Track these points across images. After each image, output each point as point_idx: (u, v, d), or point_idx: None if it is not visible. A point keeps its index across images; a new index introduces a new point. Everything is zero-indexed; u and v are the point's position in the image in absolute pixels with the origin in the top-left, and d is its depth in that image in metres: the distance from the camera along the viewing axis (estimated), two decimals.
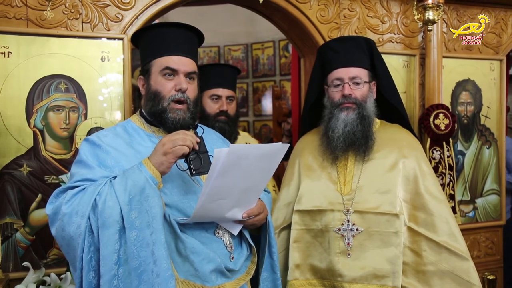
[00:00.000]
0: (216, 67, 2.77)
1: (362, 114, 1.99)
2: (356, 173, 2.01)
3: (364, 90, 2.02)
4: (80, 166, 1.55)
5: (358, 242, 1.92)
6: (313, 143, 2.15)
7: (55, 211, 1.47)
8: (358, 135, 1.98)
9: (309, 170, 2.10)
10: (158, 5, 2.54)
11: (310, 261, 2.01)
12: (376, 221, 1.92)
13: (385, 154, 2.02)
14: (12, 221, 2.31)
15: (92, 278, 1.41)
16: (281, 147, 1.53)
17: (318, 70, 2.19)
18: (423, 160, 2.05)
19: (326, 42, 2.28)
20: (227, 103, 2.51)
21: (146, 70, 1.69)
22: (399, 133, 2.12)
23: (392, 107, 2.15)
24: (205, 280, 1.53)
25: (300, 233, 2.02)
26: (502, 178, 3.33)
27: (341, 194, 1.99)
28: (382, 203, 1.93)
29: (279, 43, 6.61)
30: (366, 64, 2.05)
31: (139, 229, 1.40)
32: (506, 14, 3.28)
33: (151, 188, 1.43)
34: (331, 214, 1.97)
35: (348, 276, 1.90)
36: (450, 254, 1.89)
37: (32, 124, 2.33)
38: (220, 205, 1.53)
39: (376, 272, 1.88)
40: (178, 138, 1.46)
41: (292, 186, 2.13)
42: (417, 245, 1.91)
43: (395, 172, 1.97)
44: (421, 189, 1.96)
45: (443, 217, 1.93)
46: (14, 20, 2.30)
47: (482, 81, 3.25)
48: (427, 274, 1.89)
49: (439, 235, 1.91)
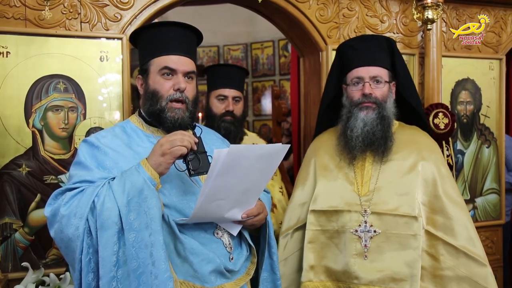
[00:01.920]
0: (223, 68, 2.79)
1: (382, 114, 1.95)
2: (374, 174, 1.96)
3: (385, 90, 1.98)
4: (79, 168, 1.54)
5: (376, 244, 1.88)
6: (330, 143, 2.11)
7: (53, 213, 1.47)
8: (377, 135, 1.94)
9: (325, 170, 2.06)
10: (156, 4, 2.54)
11: (325, 263, 1.97)
12: (394, 223, 1.88)
13: (404, 155, 1.97)
14: (11, 221, 2.30)
15: (91, 280, 1.41)
16: (281, 148, 1.52)
17: (337, 69, 2.14)
18: (442, 163, 2.01)
19: (347, 41, 2.23)
20: (233, 104, 2.52)
21: (144, 69, 1.68)
22: (418, 135, 2.08)
23: (410, 108, 2.11)
24: (204, 281, 1.53)
25: (315, 234, 1.98)
26: (502, 177, 3.32)
27: (358, 195, 1.95)
28: (401, 205, 1.88)
29: (279, 42, 6.61)
30: (387, 64, 2.01)
31: (138, 230, 1.39)
32: (506, 13, 3.28)
33: (149, 189, 1.42)
34: (348, 215, 1.93)
35: (365, 278, 1.86)
36: (468, 259, 1.85)
37: (31, 124, 2.33)
38: (219, 206, 1.52)
39: (393, 275, 1.84)
40: (176, 139, 1.45)
41: (307, 186, 2.10)
42: (435, 249, 1.88)
43: (414, 175, 1.93)
44: (440, 192, 1.92)
45: (461, 221, 1.89)
46: (13, 20, 2.29)
47: (482, 80, 3.24)
48: (444, 279, 1.85)
49: (458, 240, 1.87)
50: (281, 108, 5.09)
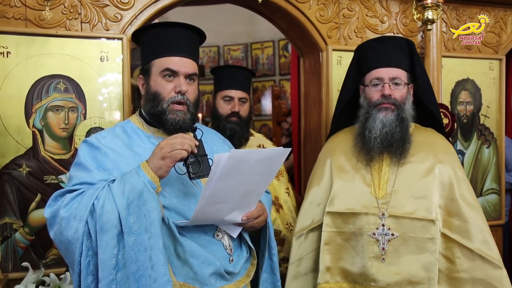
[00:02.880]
0: (229, 69, 2.80)
1: (401, 116, 1.94)
2: (391, 176, 1.95)
3: (404, 91, 1.97)
4: (79, 169, 1.54)
5: (393, 247, 1.87)
6: (346, 143, 2.09)
7: (53, 214, 1.47)
8: (396, 137, 1.92)
9: (341, 171, 2.04)
10: (157, 5, 2.54)
11: (341, 264, 1.96)
12: (411, 227, 1.87)
13: (421, 158, 1.96)
14: (11, 221, 2.31)
15: (91, 283, 1.40)
16: (282, 152, 1.52)
17: (355, 70, 2.13)
18: (458, 166, 2.00)
19: (366, 41, 2.21)
20: (239, 105, 2.53)
21: (146, 70, 1.67)
22: (435, 138, 2.07)
23: (426, 111, 2.10)
24: (204, 284, 1.53)
25: (331, 236, 1.97)
26: (502, 178, 3.32)
27: (375, 198, 1.94)
28: (418, 208, 1.88)
29: (279, 42, 6.61)
30: (406, 66, 2.00)
31: (137, 233, 1.39)
32: (506, 14, 3.28)
33: (149, 193, 1.42)
34: (365, 218, 1.92)
35: (382, 281, 1.86)
36: (483, 262, 1.85)
37: (31, 124, 2.33)
38: (220, 209, 1.52)
39: (411, 278, 1.84)
40: (176, 142, 1.44)
41: (322, 187, 2.08)
42: (451, 252, 1.87)
43: (431, 177, 1.91)
44: (457, 195, 1.91)
45: (477, 224, 1.88)
46: (13, 20, 2.29)
47: (482, 80, 3.24)
48: (460, 281, 1.85)
49: (473, 242, 1.86)
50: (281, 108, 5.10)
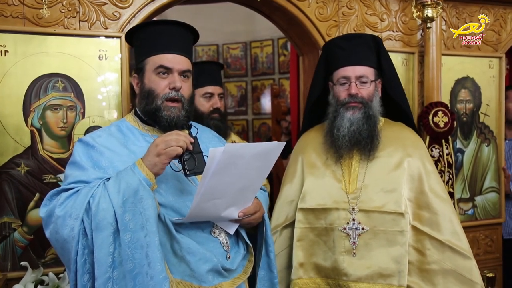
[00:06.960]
0: (206, 65, 2.78)
1: (368, 114, 1.97)
2: (361, 171, 1.99)
3: (371, 89, 1.99)
4: (74, 168, 1.54)
5: (364, 241, 1.91)
6: (317, 140, 2.12)
7: (49, 213, 1.46)
8: (363, 134, 1.96)
9: (312, 168, 2.07)
10: (155, 3, 2.53)
11: (314, 260, 1.99)
12: (381, 220, 1.91)
13: (390, 152, 2.00)
14: (10, 221, 2.30)
15: (87, 281, 1.40)
16: (277, 146, 1.52)
17: (323, 67, 2.15)
18: (427, 159, 2.04)
19: (333, 39, 2.23)
20: (219, 100, 2.53)
21: (140, 68, 1.67)
22: (403, 132, 2.11)
23: (396, 105, 2.13)
24: (201, 281, 1.53)
25: (303, 232, 2.00)
26: (502, 176, 3.32)
27: (346, 193, 1.97)
28: (387, 202, 1.92)
29: (278, 41, 6.60)
30: (373, 63, 2.02)
31: (133, 231, 1.38)
32: (505, 12, 3.27)
33: (144, 190, 1.41)
34: (336, 213, 1.95)
35: (354, 275, 1.89)
36: (453, 253, 1.89)
37: (29, 123, 2.33)
38: (216, 205, 1.52)
39: (381, 271, 1.87)
40: (171, 139, 1.44)
41: (294, 184, 2.11)
42: (421, 244, 1.91)
43: (400, 171, 1.95)
44: (426, 188, 1.95)
45: (446, 216, 1.93)
46: (11, 19, 2.29)
47: (481, 78, 3.24)
48: (431, 272, 1.89)
49: (443, 234, 1.91)
50: (281, 107, 5.10)
